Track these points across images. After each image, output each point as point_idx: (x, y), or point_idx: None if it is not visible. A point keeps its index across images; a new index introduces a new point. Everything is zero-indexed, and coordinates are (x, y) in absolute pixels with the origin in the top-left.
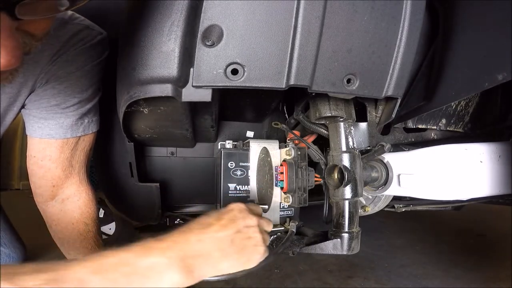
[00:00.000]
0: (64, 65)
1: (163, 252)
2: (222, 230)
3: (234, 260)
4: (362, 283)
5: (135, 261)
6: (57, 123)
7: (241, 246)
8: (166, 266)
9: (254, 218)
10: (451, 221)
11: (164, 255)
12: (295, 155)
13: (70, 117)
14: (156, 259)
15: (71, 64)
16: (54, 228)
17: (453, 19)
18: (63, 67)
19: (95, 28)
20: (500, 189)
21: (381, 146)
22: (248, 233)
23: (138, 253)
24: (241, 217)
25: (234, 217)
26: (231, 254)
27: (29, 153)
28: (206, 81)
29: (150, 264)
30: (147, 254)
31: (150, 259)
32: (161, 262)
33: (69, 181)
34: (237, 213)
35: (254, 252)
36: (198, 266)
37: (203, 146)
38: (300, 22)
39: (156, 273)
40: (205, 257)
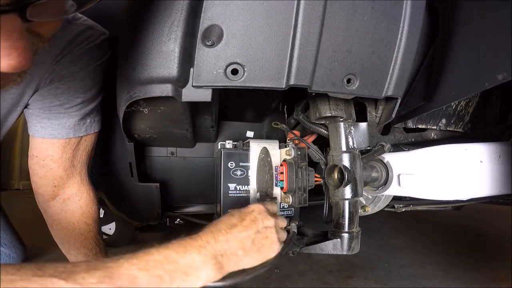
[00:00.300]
0: (68, 65)
1: (199, 250)
2: (245, 230)
3: (253, 258)
4: (362, 283)
5: (176, 258)
6: (60, 123)
7: (259, 245)
8: (202, 263)
9: (271, 219)
10: (451, 221)
11: (200, 253)
12: (295, 155)
13: (73, 117)
14: (194, 256)
15: (75, 64)
16: (55, 228)
17: (453, 19)
18: (67, 67)
19: (98, 28)
20: (500, 189)
21: (381, 146)
22: (266, 233)
23: (178, 251)
24: (260, 219)
25: (255, 218)
26: (251, 252)
27: (30, 153)
28: (206, 81)
29: (189, 261)
30: (186, 252)
31: (189, 257)
32: (198, 259)
33: (71, 181)
34: (257, 215)
35: (270, 250)
36: (226, 263)
37: (203, 146)
38: (300, 22)
39: (195, 270)
40: (231, 255)
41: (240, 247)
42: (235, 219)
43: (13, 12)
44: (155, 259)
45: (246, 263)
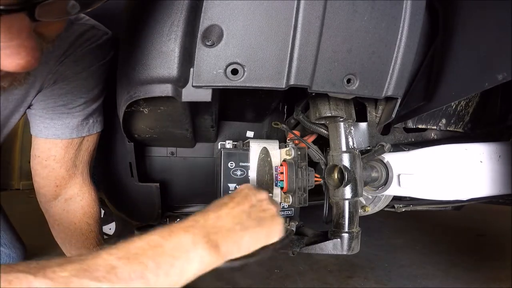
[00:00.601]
0: (71, 65)
1: (187, 230)
2: (237, 206)
3: (255, 233)
4: (362, 283)
5: (160, 242)
6: (63, 123)
7: (258, 219)
8: (192, 244)
9: (264, 193)
10: (451, 221)
11: (188, 232)
12: (295, 155)
13: (76, 117)
14: (181, 237)
15: (78, 65)
16: (56, 228)
17: (453, 19)
18: (71, 68)
19: (101, 28)
20: (500, 189)
21: (381, 146)
22: (262, 205)
23: (163, 235)
24: (252, 194)
25: (246, 194)
26: (251, 227)
27: (33, 153)
28: (206, 81)
29: (176, 243)
30: (172, 234)
31: (175, 239)
32: (186, 240)
33: (73, 181)
34: (247, 191)
35: (273, 222)
36: (222, 241)
37: (203, 146)
38: (300, 22)
39: (183, 252)
40: (226, 231)
41: (235, 222)
42: (224, 199)
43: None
44: (137, 246)
45: (247, 241)
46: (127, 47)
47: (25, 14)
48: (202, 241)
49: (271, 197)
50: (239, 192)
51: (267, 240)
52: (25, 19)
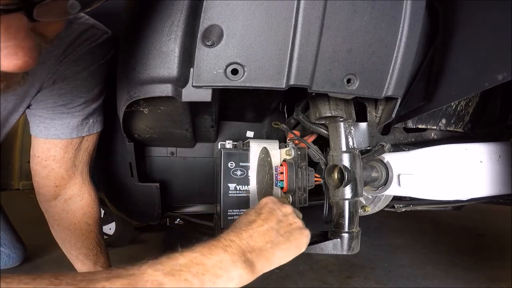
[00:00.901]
0: (71, 65)
1: (225, 249)
2: (266, 223)
3: (285, 249)
4: (362, 283)
5: (202, 260)
6: (63, 123)
7: (287, 235)
8: (231, 263)
9: (288, 206)
10: (451, 221)
11: (227, 253)
12: (295, 155)
13: (76, 117)
14: (221, 256)
15: (78, 64)
16: (56, 228)
17: (453, 19)
18: (70, 67)
19: (100, 27)
20: (500, 189)
21: (381, 146)
22: (288, 220)
23: (204, 253)
24: (277, 208)
25: (271, 209)
26: (281, 243)
27: (32, 153)
28: (206, 81)
29: (217, 262)
30: (212, 253)
31: (216, 257)
32: (226, 259)
33: (72, 181)
34: (272, 205)
35: (301, 235)
36: (256, 260)
37: (203, 146)
38: (300, 22)
39: (224, 270)
40: (260, 250)
41: (266, 241)
42: (251, 215)
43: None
44: (181, 263)
45: (278, 256)
46: (127, 47)
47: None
48: (240, 260)
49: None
50: (264, 206)
51: (296, 253)
52: (23, 19)
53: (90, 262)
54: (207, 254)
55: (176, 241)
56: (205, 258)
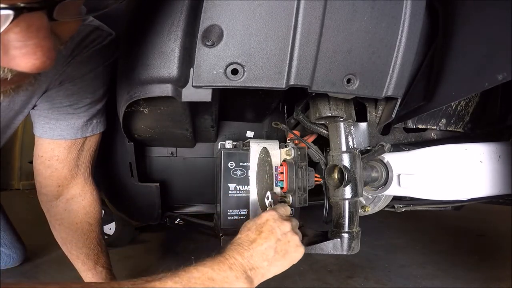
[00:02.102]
0: (78, 66)
1: (231, 267)
2: (265, 242)
3: (279, 266)
4: (362, 283)
5: (212, 275)
6: (68, 124)
7: (283, 252)
8: (235, 279)
9: (287, 224)
10: (451, 221)
11: (232, 270)
12: (295, 155)
13: (81, 117)
14: (228, 273)
15: (84, 66)
16: (58, 228)
17: (453, 19)
18: (77, 69)
19: (105, 28)
20: (500, 189)
21: (381, 146)
22: (286, 238)
23: (214, 268)
24: (276, 226)
25: (271, 227)
26: (276, 260)
27: (36, 153)
28: (206, 81)
29: (224, 277)
30: (220, 269)
31: (223, 273)
32: (231, 275)
33: (75, 181)
34: (272, 223)
35: (296, 252)
36: (254, 276)
37: (203, 146)
38: (300, 22)
39: (230, 284)
40: (258, 268)
41: (264, 259)
42: (252, 233)
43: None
44: (195, 277)
45: (273, 272)
46: (127, 47)
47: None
48: (242, 277)
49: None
50: (264, 224)
51: (288, 266)
52: (43, 18)
53: (91, 262)
54: (216, 269)
55: (176, 241)
56: (215, 273)
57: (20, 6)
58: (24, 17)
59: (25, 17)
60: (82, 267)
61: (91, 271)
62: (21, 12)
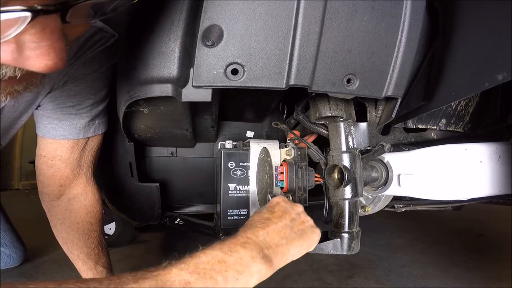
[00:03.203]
0: (81, 67)
1: (244, 246)
2: (280, 221)
3: (299, 245)
4: (362, 283)
5: (224, 257)
6: (71, 124)
7: (300, 232)
8: (251, 259)
9: (299, 205)
10: (451, 221)
11: (246, 249)
12: (295, 155)
13: (84, 118)
14: (241, 253)
15: (88, 66)
16: (59, 227)
17: (453, 19)
18: (81, 69)
19: (108, 30)
20: (500, 189)
21: (381, 146)
22: (301, 218)
23: (224, 250)
24: (289, 207)
25: (284, 208)
26: (295, 239)
27: (38, 153)
28: (206, 81)
29: (237, 258)
30: (232, 249)
31: (236, 254)
32: (246, 255)
33: (77, 181)
34: (284, 204)
35: (313, 233)
36: (273, 255)
37: (203, 146)
38: (300, 22)
39: (245, 266)
40: (276, 246)
41: (282, 237)
42: (265, 213)
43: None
44: (203, 261)
45: (293, 253)
46: (127, 47)
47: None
48: (258, 256)
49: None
50: (276, 205)
51: (308, 249)
52: (57, 20)
53: (92, 262)
54: (227, 251)
55: (176, 241)
56: (226, 255)
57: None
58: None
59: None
60: (82, 267)
61: (91, 270)
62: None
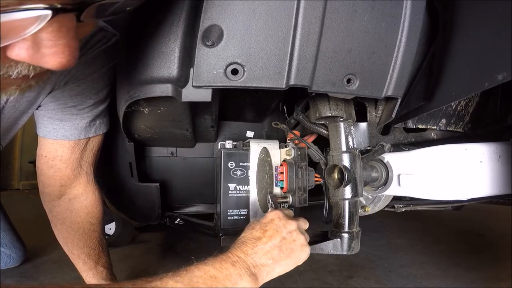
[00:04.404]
0: (83, 67)
1: (234, 265)
2: (270, 241)
3: (285, 264)
4: (362, 283)
5: (215, 273)
6: (72, 125)
7: (288, 251)
8: (239, 276)
9: (293, 223)
10: (451, 221)
11: (235, 268)
12: (295, 155)
13: (85, 118)
14: (230, 271)
15: (89, 66)
16: (59, 227)
17: (453, 19)
18: (82, 69)
19: (109, 29)
20: (500, 189)
21: (381, 146)
22: (292, 237)
23: (215, 267)
24: (282, 225)
25: (277, 226)
26: (281, 259)
27: (39, 153)
28: (206, 81)
29: (227, 275)
30: (222, 267)
31: (226, 271)
32: (235, 273)
33: (77, 181)
34: (277, 222)
35: (302, 252)
36: (259, 274)
37: (203, 146)
38: (300, 22)
39: (233, 283)
40: (262, 266)
41: (269, 257)
42: (257, 231)
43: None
44: (197, 275)
45: (278, 271)
46: (127, 47)
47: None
48: (246, 274)
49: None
50: (269, 223)
51: (294, 266)
52: (73, 19)
53: (92, 262)
54: (218, 268)
55: (176, 241)
56: (217, 271)
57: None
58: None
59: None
60: (83, 267)
61: (91, 270)
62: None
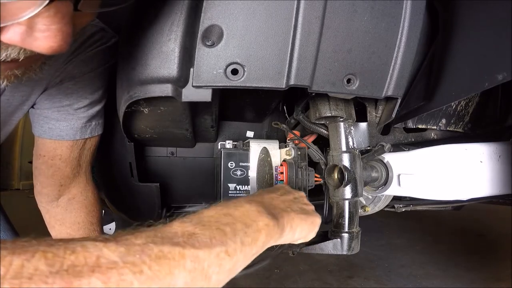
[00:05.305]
0: (79, 65)
1: (249, 202)
2: (284, 195)
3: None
4: (362, 283)
5: (229, 211)
6: (68, 125)
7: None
8: (257, 213)
9: (301, 192)
10: (451, 221)
11: (251, 204)
12: (295, 155)
13: (81, 119)
14: (246, 207)
15: (86, 65)
16: (58, 228)
17: (453, 19)
18: (78, 67)
19: (109, 31)
20: (500, 189)
21: (381, 146)
22: (304, 200)
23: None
24: (291, 191)
25: (288, 189)
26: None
27: (37, 152)
28: (206, 81)
29: (243, 212)
30: (237, 205)
31: (241, 208)
32: (252, 209)
33: (77, 180)
34: (287, 188)
35: (315, 215)
36: (279, 216)
37: (203, 146)
38: (300, 22)
39: (252, 220)
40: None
41: (287, 206)
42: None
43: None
44: (208, 215)
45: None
46: (127, 47)
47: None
48: (265, 212)
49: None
50: (279, 187)
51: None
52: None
53: None
54: (232, 206)
55: None
56: (231, 209)
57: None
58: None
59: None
60: None
61: None
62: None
